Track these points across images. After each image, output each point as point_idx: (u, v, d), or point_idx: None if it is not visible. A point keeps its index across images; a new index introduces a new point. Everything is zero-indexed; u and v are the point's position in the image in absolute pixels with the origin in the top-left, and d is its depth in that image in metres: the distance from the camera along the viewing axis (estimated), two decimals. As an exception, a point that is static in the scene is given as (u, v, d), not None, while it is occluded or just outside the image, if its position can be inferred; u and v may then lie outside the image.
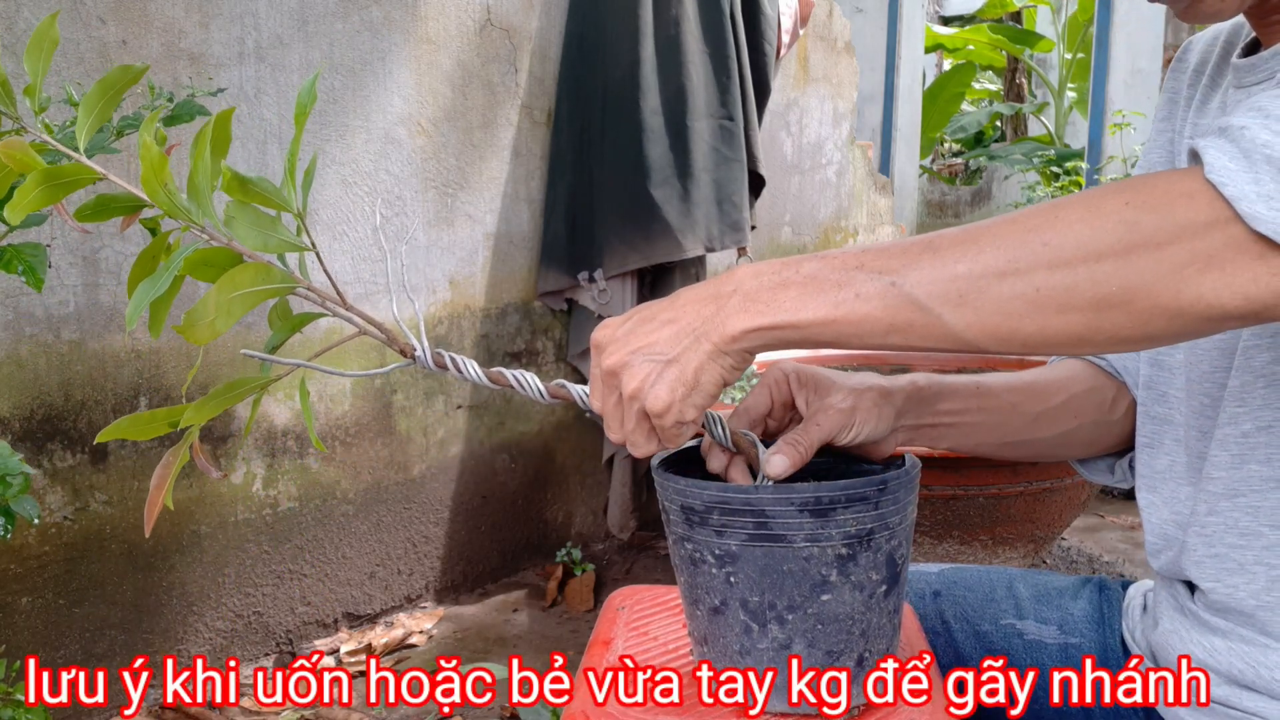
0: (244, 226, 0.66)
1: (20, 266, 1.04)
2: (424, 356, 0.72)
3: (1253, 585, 0.75)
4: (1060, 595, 0.97)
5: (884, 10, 5.88)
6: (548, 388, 0.72)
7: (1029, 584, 0.99)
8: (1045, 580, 1.00)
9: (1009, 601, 0.97)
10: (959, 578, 1.00)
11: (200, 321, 0.63)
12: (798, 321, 0.61)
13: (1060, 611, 0.95)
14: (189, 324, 0.63)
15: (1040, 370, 0.95)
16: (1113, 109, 5.12)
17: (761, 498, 0.67)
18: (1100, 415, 0.93)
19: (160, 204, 0.66)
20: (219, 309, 0.63)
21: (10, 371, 1.65)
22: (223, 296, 0.63)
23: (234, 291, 0.64)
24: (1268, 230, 0.53)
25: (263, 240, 0.66)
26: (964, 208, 8.45)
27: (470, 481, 2.42)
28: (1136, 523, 3.09)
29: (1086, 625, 0.94)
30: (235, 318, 0.64)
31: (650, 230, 2.45)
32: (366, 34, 2.09)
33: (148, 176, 0.64)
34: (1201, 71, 0.88)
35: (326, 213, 2.06)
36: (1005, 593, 0.98)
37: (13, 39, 1.61)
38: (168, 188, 0.65)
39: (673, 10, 2.50)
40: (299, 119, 0.68)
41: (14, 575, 1.67)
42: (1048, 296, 0.57)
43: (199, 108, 1.21)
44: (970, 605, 0.97)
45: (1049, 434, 0.92)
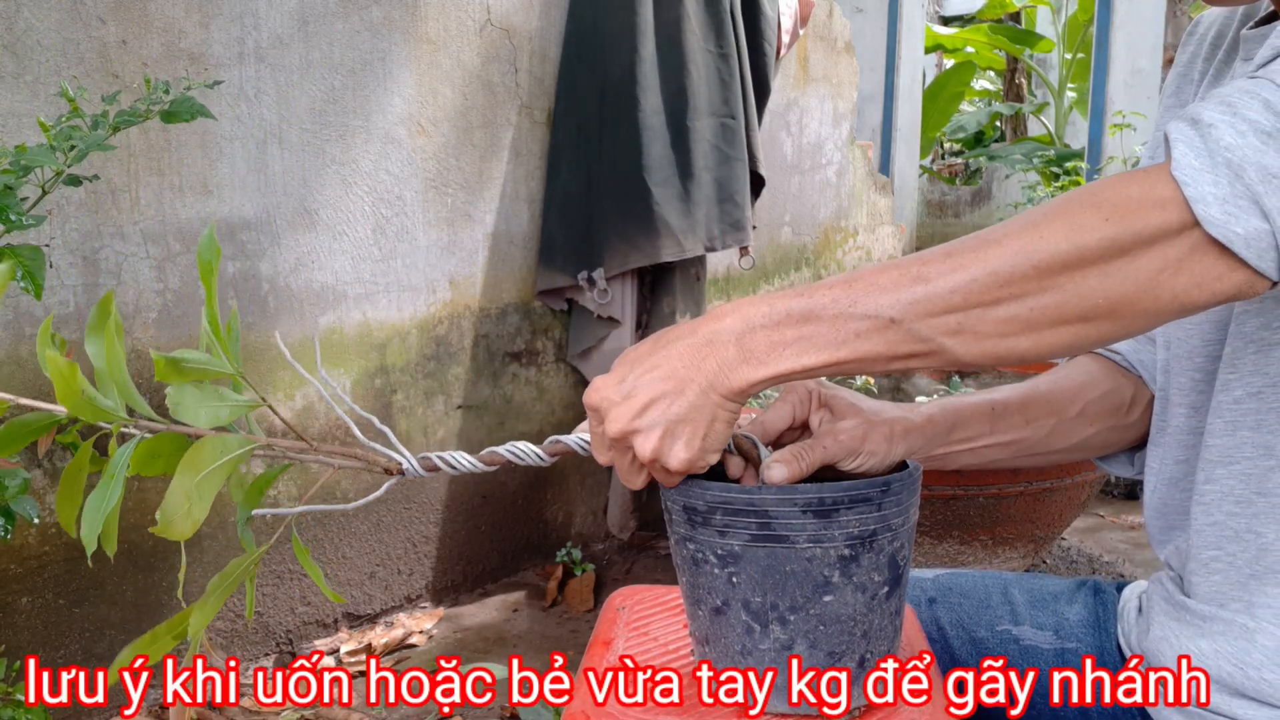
0: (193, 408, 0.63)
1: (19, 271, 1.03)
2: (412, 468, 0.71)
3: (1245, 554, 0.76)
4: (1055, 600, 0.97)
5: (884, 10, 5.88)
6: (545, 449, 0.72)
7: (1024, 589, 0.98)
8: (1040, 585, 0.99)
9: (1005, 607, 0.97)
10: (954, 584, 0.99)
11: (176, 515, 0.60)
12: (801, 368, 0.62)
13: (1056, 616, 0.95)
14: (166, 522, 0.60)
15: (1055, 375, 0.94)
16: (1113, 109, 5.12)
17: (764, 498, 0.67)
18: (1117, 420, 0.93)
19: (84, 414, 0.62)
20: (190, 496, 0.61)
21: (10, 371, 1.65)
22: (190, 481, 0.61)
23: (199, 473, 0.61)
24: (1219, 234, 0.56)
25: (214, 415, 0.64)
26: (964, 208, 8.45)
27: (470, 481, 2.42)
28: (1137, 522, 3.09)
29: (1082, 630, 0.94)
30: (210, 499, 0.62)
31: (650, 229, 2.45)
32: (366, 34, 2.09)
33: (63, 390, 0.61)
34: (1218, 45, 0.87)
35: (326, 213, 2.06)
36: (1001, 598, 0.97)
37: (13, 39, 1.61)
38: (85, 395, 0.62)
39: (673, 10, 2.50)
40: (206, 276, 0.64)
41: (14, 575, 1.67)
42: (1040, 315, 0.60)
43: (197, 105, 1.21)
44: (966, 612, 0.97)
45: (1064, 445, 0.92)
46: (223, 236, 1.91)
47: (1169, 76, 0.92)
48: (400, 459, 0.70)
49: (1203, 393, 0.81)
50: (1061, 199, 0.62)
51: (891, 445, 0.79)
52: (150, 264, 1.80)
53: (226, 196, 1.90)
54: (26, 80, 1.62)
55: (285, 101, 1.97)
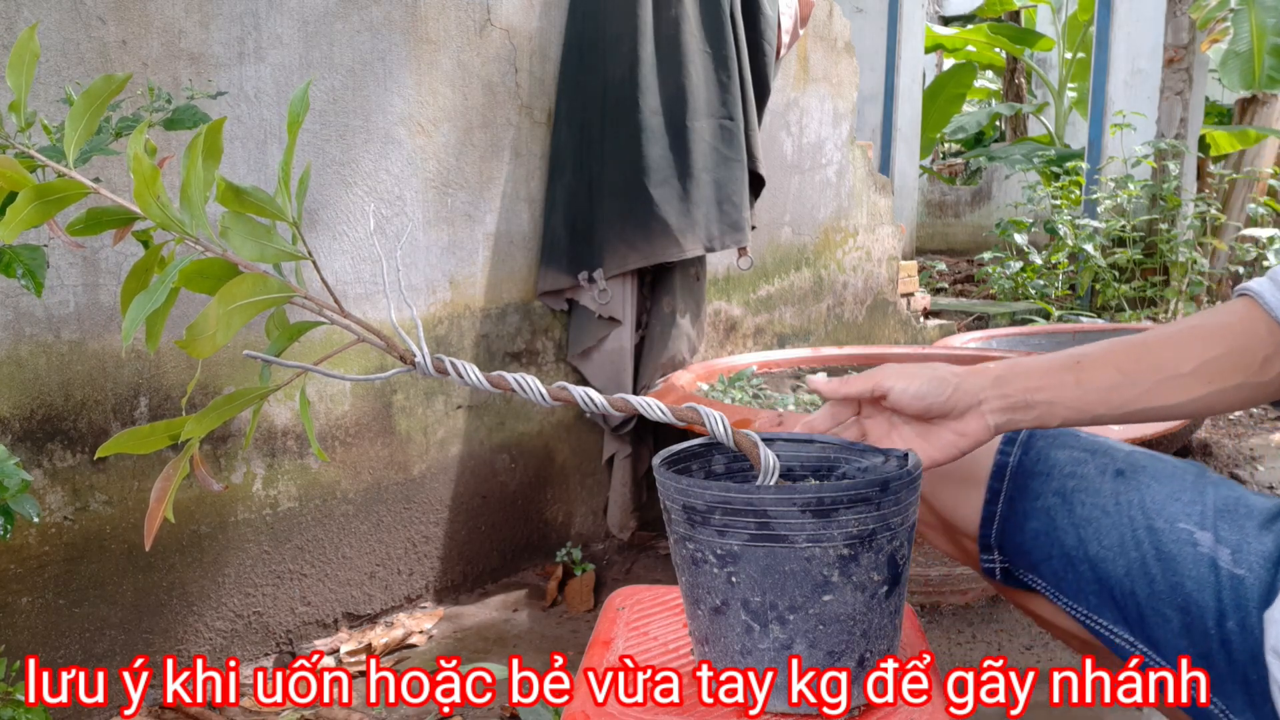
0: (240, 237, 0.66)
1: (20, 269, 1.04)
2: (424, 362, 0.72)
3: None
4: (1248, 518, 0.89)
5: (884, 10, 5.88)
6: (550, 390, 0.72)
7: (1220, 495, 0.92)
8: (1238, 497, 0.92)
9: (1195, 505, 0.90)
10: (1148, 463, 0.94)
11: (202, 335, 0.63)
12: None
13: (1241, 535, 0.88)
14: (191, 338, 0.64)
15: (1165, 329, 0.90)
16: (1113, 109, 5.12)
17: (764, 498, 0.67)
18: (1244, 377, 0.88)
19: (153, 217, 0.65)
20: (219, 322, 0.64)
21: (10, 371, 1.65)
22: (222, 309, 0.64)
23: (233, 303, 0.64)
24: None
25: (259, 250, 0.67)
26: (964, 208, 8.45)
27: (470, 481, 2.42)
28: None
29: (1261, 563, 0.86)
30: (235, 329, 0.64)
31: (650, 230, 2.45)
32: (366, 34, 2.09)
33: (140, 189, 0.64)
34: None
35: (326, 213, 2.06)
36: (1193, 496, 0.91)
37: (12, 39, 1.61)
38: (160, 200, 0.65)
39: (673, 10, 2.50)
40: (292, 128, 0.67)
41: (14, 575, 1.67)
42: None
43: (200, 114, 1.21)
44: (1151, 496, 0.91)
45: (1175, 400, 0.87)
46: (223, 236, 1.91)
47: None
48: (415, 350, 0.71)
49: None
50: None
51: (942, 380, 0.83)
52: (150, 264, 1.80)
53: (226, 196, 1.90)
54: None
55: (285, 101, 1.97)
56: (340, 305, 0.69)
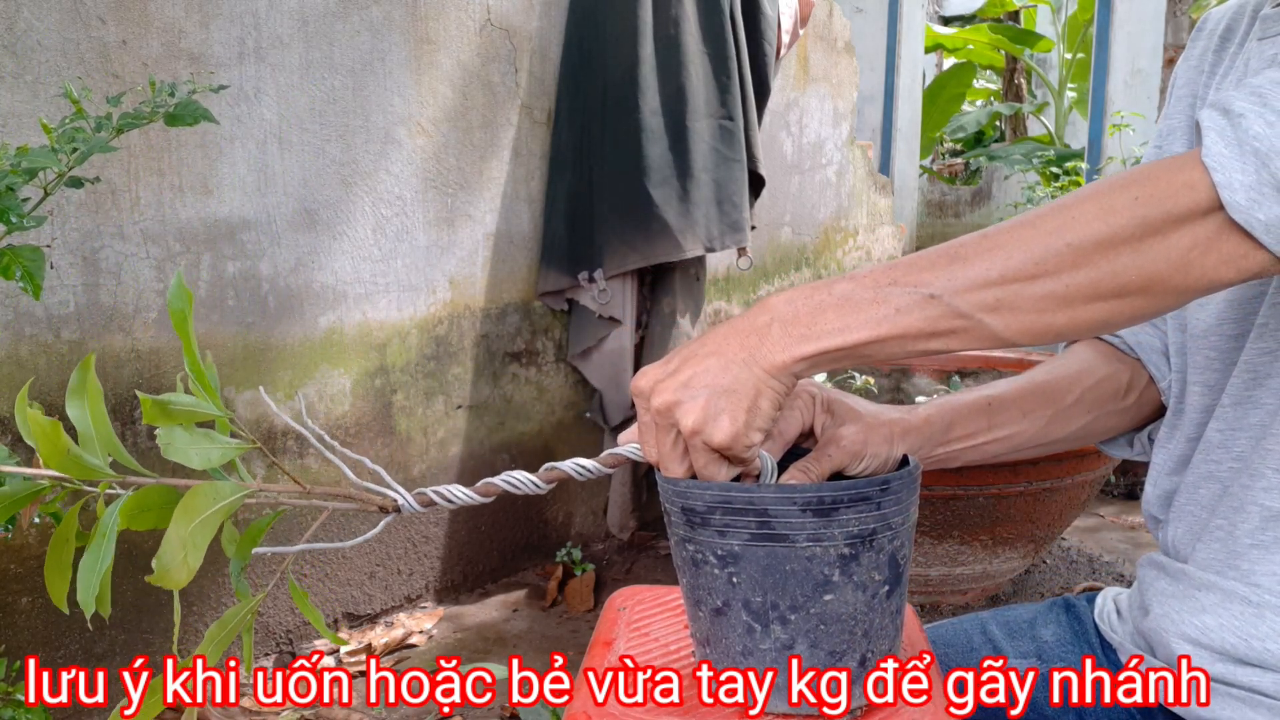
0: (184, 448, 0.62)
1: (19, 271, 1.03)
2: (408, 505, 0.71)
3: (1247, 524, 0.77)
4: (1031, 625, 0.99)
5: (884, 10, 5.88)
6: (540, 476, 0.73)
7: (999, 622, 1.00)
8: (1013, 615, 1.01)
9: (987, 646, 0.98)
10: (937, 637, 1.01)
11: (172, 564, 0.60)
12: (843, 345, 0.64)
13: (1035, 642, 0.97)
14: (163, 572, 0.59)
15: (1051, 366, 0.95)
16: (1113, 109, 5.12)
17: (764, 497, 0.66)
18: (1114, 404, 0.94)
19: (71, 472, 0.61)
20: (185, 544, 0.60)
21: (10, 371, 1.65)
22: (184, 529, 0.60)
23: (193, 520, 0.60)
24: (1241, 219, 0.60)
25: (205, 456, 0.63)
26: (964, 208, 8.45)
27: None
28: (1137, 522, 3.09)
29: (1062, 648, 0.96)
30: (204, 546, 0.60)
31: (650, 230, 2.45)
32: (366, 34, 2.09)
33: (47, 450, 0.60)
34: (1228, 39, 0.88)
35: (326, 213, 2.06)
36: (981, 639, 0.99)
37: (13, 39, 1.61)
38: (71, 453, 0.60)
39: (672, 10, 2.50)
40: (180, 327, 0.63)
41: (14, 575, 1.67)
42: (1076, 292, 0.62)
43: (200, 110, 1.21)
44: (954, 660, 0.98)
45: (1062, 434, 0.93)
46: (223, 236, 1.91)
47: (1178, 70, 0.93)
48: (396, 496, 0.70)
49: (1218, 370, 0.83)
50: (1091, 185, 0.64)
51: (892, 446, 0.81)
52: (150, 264, 1.80)
53: (226, 196, 1.90)
54: (26, 80, 1.62)
55: (285, 101, 1.97)
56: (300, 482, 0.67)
